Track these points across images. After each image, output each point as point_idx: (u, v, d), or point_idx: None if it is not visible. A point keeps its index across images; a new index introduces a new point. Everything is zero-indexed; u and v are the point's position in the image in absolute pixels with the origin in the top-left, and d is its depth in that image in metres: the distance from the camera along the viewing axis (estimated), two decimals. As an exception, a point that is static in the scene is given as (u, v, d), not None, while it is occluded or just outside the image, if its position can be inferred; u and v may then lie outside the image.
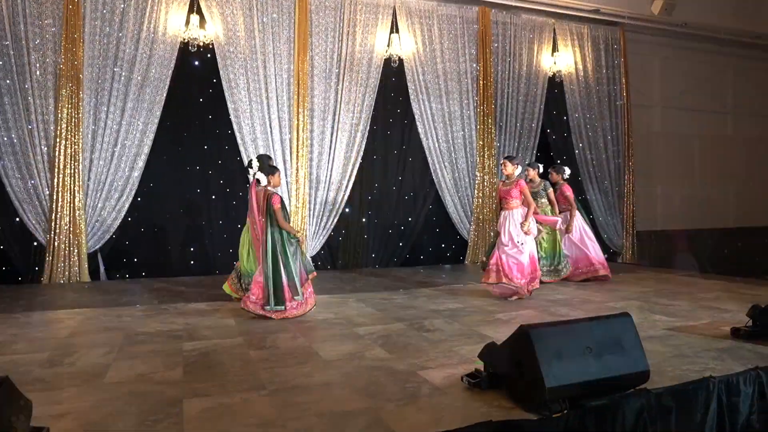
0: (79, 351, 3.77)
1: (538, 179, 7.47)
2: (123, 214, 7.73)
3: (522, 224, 5.96)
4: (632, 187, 11.04)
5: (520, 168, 6.26)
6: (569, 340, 2.70)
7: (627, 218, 11.03)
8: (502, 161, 6.42)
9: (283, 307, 4.80)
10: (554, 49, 10.39)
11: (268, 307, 4.80)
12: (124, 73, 7.64)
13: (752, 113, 13.26)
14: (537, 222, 6.33)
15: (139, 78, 7.73)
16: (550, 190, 7.44)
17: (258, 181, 5.22)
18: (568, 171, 7.98)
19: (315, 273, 5.28)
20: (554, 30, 10.42)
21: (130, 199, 7.76)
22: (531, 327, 2.70)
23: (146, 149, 7.80)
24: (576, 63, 10.53)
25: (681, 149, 12.40)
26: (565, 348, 2.67)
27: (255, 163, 5.64)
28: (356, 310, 5.29)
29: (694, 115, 12.50)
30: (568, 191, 7.69)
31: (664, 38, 11.86)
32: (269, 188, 5.17)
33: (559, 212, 7.39)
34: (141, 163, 7.78)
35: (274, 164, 5.96)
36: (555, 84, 10.44)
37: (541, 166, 7.81)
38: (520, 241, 5.93)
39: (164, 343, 4.01)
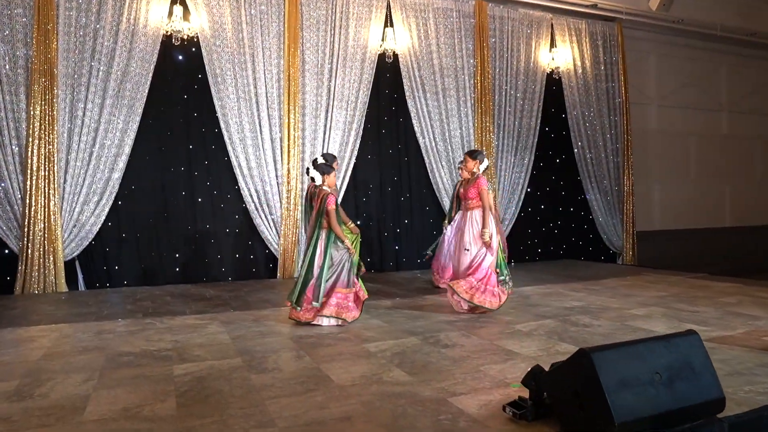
0: (54, 378, 3.29)
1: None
2: (102, 218, 7.21)
3: (482, 231, 5.16)
4: (632, 186, 10.76)
5: (485, 163, 5.50)
6: (636, 364, 2.31)
7: (627, 218, 10.74)
8: (463, 157, 5.66)
9: (299, 308, 4.64)
10: (552, 45, 10.07)
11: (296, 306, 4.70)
12: (102, 68, 7.12)
13: (746, 111, 13.11)
14: None
15: (118, 73, 7.22)
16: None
17: (313, 179, 4.94)
18: (486, 162, 5.69)
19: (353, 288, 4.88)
20: (552, 25, 10.10)
21: (110, 202, 7.24)
22: (593, 350, 2.30)
23: (127, 149, 7.29)
24: (574, 59, 10.22)
25: (677, 148, 12.19)
26: (632, 375, 2.27)
27: (320, 160, 5.33)
28: (361, 321, 4.86)
29: (690, 113, 12.31)
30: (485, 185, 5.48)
31: (659, 35, 11.64)
32: (324, 187, 4.89)
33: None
34: (121, 164, 7.27)
35: (334, 165, 5.60)
36: (553, 81, 10.12)
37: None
38: (467, 247, 5.24)
39: (152, 365, 3.53)
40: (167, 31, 7.46)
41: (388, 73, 8.91)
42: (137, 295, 6.58)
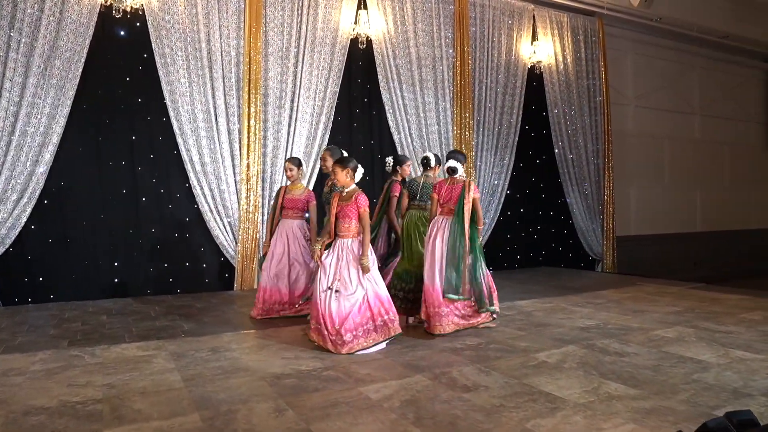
0: None
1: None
2: (23, 221, 6.02)
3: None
4: (612, 189, 10.25)
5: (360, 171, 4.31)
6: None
7: (607, 223, 10.22)
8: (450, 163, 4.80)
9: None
10: (534, 37, 9.43)
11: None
12: (24, 40, 5.92)
13: (716, 116, 12.92)
14: None
15: (45, 47, 6.04)
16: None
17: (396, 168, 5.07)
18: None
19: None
20: (534, 16, 9.45)
21: (34, 201, 6.05)
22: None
23: (55, 138, 6.12)
24: (556, 54, 9.61)
25: (652, 151, 11.83)
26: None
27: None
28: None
29: (664, 116, 11.98)
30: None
31: (636, 33, 11.25)
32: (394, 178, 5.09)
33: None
34: (48, 156, 6.10)
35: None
36: (534, 76, 9.49)
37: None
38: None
39: (71, 431, 2.52)
40: (106, 1, 6.33)
41: (360, 61, 8.04)
42: (65, 313, 5.44)
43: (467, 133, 8.65)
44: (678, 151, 12.23)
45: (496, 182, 9.10)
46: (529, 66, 9.39)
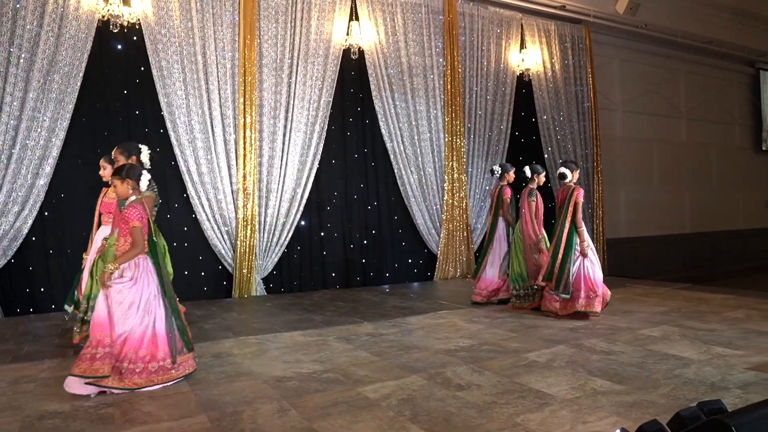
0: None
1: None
2: (24, 232, 6.14)
3: None
4: (601, 193, 10.47)
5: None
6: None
7: (597, 227, 10.42)
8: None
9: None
10: (522, 45, 9.65)
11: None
12: (23, 55, 6.06)
13: (701, 119, 13.17)
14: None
15: (44, 62, 6.17)
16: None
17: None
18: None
19: None
20: (522, 25, 9.67)
21: (34, 213, 6.18)
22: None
23: (55, 151, 6.26)
24: (544, 61, 9.83)
25: (641, 154, 12.05)
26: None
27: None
28: (345, 354, 4.10)
29: (651, 120, 12.21)
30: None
31: (622, 40, 11.48)
32: (501, 183, 6.24)
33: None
34: (48, 169, 6.23)
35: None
36: (522, 83, 9.70)
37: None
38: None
39: (86, 432, 2.66)
40: (104, 16, 6.48)
41: (353, 71, 8.21)
42: (68, 323, 5.55)
43: (458, 140, 8.84)
44: (666, 154, 12.47)
45: (487, 188, 9.27)
46: (518, 73, 9.60)
